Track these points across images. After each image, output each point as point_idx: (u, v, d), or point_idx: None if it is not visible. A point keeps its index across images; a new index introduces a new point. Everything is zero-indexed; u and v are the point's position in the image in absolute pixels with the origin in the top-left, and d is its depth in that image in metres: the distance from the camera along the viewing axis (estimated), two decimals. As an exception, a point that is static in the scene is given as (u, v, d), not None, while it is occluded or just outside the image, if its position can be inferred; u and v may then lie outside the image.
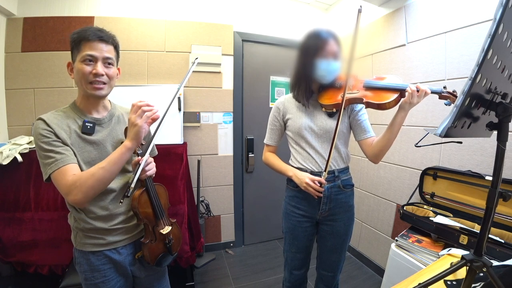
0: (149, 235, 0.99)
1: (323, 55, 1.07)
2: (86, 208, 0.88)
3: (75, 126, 0.87)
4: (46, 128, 0.81)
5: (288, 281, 1.31)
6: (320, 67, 1.08)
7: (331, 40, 1.07)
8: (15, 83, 1.96)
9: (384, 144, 1.07)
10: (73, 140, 0.85)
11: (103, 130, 0.92)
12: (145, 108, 0.83)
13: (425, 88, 0.95)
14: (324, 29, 1.11)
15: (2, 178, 1.55)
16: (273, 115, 1.26)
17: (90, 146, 0.88)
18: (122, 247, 0.95)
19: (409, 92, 0.96)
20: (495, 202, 0.56)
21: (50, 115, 0.85)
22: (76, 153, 0.85)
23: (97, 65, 0.83)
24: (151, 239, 0.99)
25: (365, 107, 1.12)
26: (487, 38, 0.47)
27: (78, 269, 0.93)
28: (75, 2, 2.01)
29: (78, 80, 0.84)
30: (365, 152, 1.18)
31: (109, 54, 0.86)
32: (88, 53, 0.82)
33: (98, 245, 0.90)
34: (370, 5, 2.08)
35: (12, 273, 1.76)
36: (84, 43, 0.82)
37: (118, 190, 0.93)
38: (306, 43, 1.12)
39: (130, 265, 0.99)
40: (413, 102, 0.96)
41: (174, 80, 2.22)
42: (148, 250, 0.97)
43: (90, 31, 0.83)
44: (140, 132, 0.83)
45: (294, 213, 1.22)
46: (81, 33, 0.83)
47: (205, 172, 2.40)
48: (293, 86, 1.20)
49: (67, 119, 0.86)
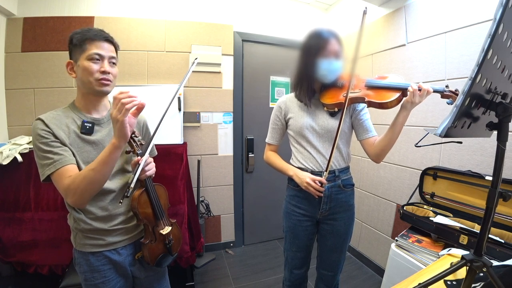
0: (149, 236, 0.99)
1: (325, 54, 1.07)
2: (86, 208, 0.88)
3: (74, 126, 0.87)
4: (44, 129, 0.81)
5: (289, 280, 1.31)
6: (322, 66, 1.08)
7: (332, 39, 1.08)
8: (15, 83, 1.96)
9: (386, 144, 1.07)
10: (72, 140, 0.85)
11: (102, 130, 0.92)
12: (124, 100, 0.75)
13: (427, 87, 0.95)
14: (325, 29, 1.12)
15: (2, 178, 1.55)
16: (275, 114, 1.26)
17: (89, 146, 0.88)
18: (122, 247, 0.95)
19: (410, 91, 0.95)
20: (495, 202, 0.56)
21: (49, 115, 0.85)
22: (75, 153, 0.85)
23: (104, 63, 0.85)
24: (151, 240, 0.98)
25: (367, 106, 1.12)
26: (487, 38, 0.47)
27: (78, 270, 0.93)
28: (75, 2, 2.01)
29: (83, 78, 0.84)
30: (367, 152, 1.18)
31: (113, 53, 0.89)
32: (96, 51, 0.83)
33: (98, 245, 0.90)
34: (370, 5, 2.07)
35: (12, 273, 1.77)
36: (89, 42, 0.83)
37: (118, 190, 0.93)
38: (308, 42, 1.12)
39: (130, 265, 0.99)
40: (415, 101, 0.96)
41: (174, 80, 2.22)
42: (148, 250, 0.97)
43: (95, 31, 0.85)
44: (124, 128, 0.77)
45: (295, 212, 1.23)
46: (84, 32, 0.84)
47: (205, 172, 2.40)
48: (295, 86, 1.20)
49: (66, 119, 0.87)
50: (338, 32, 1.12)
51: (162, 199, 1.03)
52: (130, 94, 0.76)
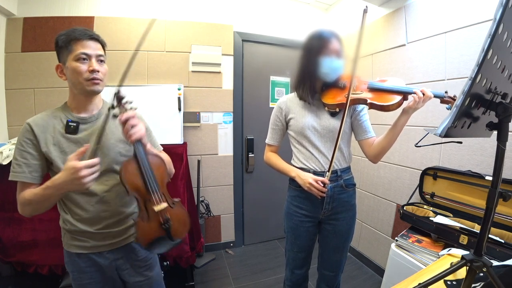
0: (141, 212, 0.87)
1: (326, 53, 1.09)
2: (71, 209, 0.87)
3: (60, 126, 0.87)
4: (27, 136, 0.83)
5: (290, 280, 1.31)
6: (324, 65, 1.10)
7: (333, 39, 1.10)
8: (15, 83, 1.95)
9: (385, 145, 1.09)
10: (56, 140, 0.85)
11: (89, 129, 0.90)
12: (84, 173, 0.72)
13: (429, 94, 0.98)
14: (326, 29, 1.14)
15: (2, 178, 1.54)
16: (275, 115, 1.26)
17: (74, 145, 0.86)
18: (108, 251, 0.92)
19: (415, 99, 0.98)
20: (495, 202, 0.56)
21: (37, 118, 0.86)
22: (56, 155, 0.84)
23: (92, 62, 0.83)
24: (143, 217, 0.87)
25: (368, 108, 1.13)
26: (487, 38, 0.47)
27: (67, 269, 0.94)
28: (75, 2, 2.01)
29: (73, 79, 0.84)
30: (365, 152, 1.19)
31: (100, 51, 0.87)
32: (82, 51, 0.82)
33: (83, 247, 0.89)
34: (370, 5, 2.07)
35: (12, 273, 1.76)
36: (74, 43, 0.82)
37: (101, 194, 0.89)
38: (310, 42, 1.15)
39: (119, 269, 0.96)
40: (418, 107, 0.99)
41: (174, 80, 2.22)
42: (139, 229, 0.86)
43: (79, 30, 0.83)
44: (80, 185, 0.73)
45: (297, 213, 1.23)
46: (69, 33, 0.82)
47: (205, 172, 2.40)
48: (297, 85, 1.21)
49: (54, 119, 0.87)
50: (339, 32, 1.13)
51: (157, 170, 0.90)
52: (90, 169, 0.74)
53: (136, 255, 0.99)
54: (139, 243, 0.88)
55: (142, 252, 1.00)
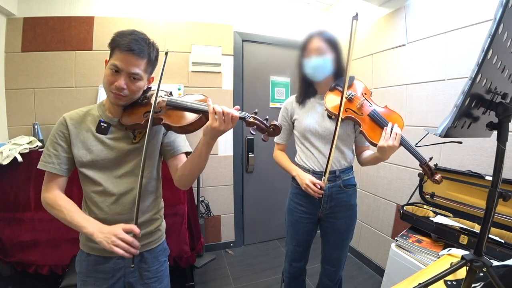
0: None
1: (306, 54, 1.15)
2: (90, 206, 0.88)
3: (92, 125, 0.87)
4: (61, 130, 0.85)
5: (288, 272, 1.36)
6: (306, 64, 1.15)
7: (315, 37, 1.14)
8: (15, 83, 1.95)
9: (372, 163, 1.19)
10: (85, 136, 0.86)
11: (119, 132, 0.89)
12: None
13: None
14: (315, 29, 1.18)
15: (2, 178, 1.55)
16: (282, 115, 1.32)
17: (101, 145, 0.86)
18: (118, 258, 0.89)
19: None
20: (495, 202, 0.56)
21: (74, 113, 0.88)
22: (79, 149, 0.85)
23: (121, 78, 0.79)
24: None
25: (359, 133, 1.15)
26: (487, 38, 0.47)
27: (76, 268, 0.93)
28: (75, 2, 2.01)
29: (104, 83, 0.83)
30: (356, 155, 1.29)
31: (137, 69, 0.80)
32: (115, 63, 0.78)
33: (94, 249, 0.88)
34: (370, 5, 2.07)
35: (12, 273, 1.76)
36: (117, 50, 0.79)
37: (118, 195, 0.87)
38: (299, 45, 1.21)
39: (128, 277, 0.93)
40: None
41: (174, 80, 2.22)
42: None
43: (126, 39, 0.78)
44: (104, 244, 0.74)
45: (297, 209, 1.28)
46: (118, 37, 0.79)
47: (205, 172, 2.40)
48: (298, 87, 1.28)
49: (88, 116, 0.89)
50: (328, 30, 1.17)
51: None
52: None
53: (148, 266, 0.96)
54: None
55: (154, 263, 0.97)
